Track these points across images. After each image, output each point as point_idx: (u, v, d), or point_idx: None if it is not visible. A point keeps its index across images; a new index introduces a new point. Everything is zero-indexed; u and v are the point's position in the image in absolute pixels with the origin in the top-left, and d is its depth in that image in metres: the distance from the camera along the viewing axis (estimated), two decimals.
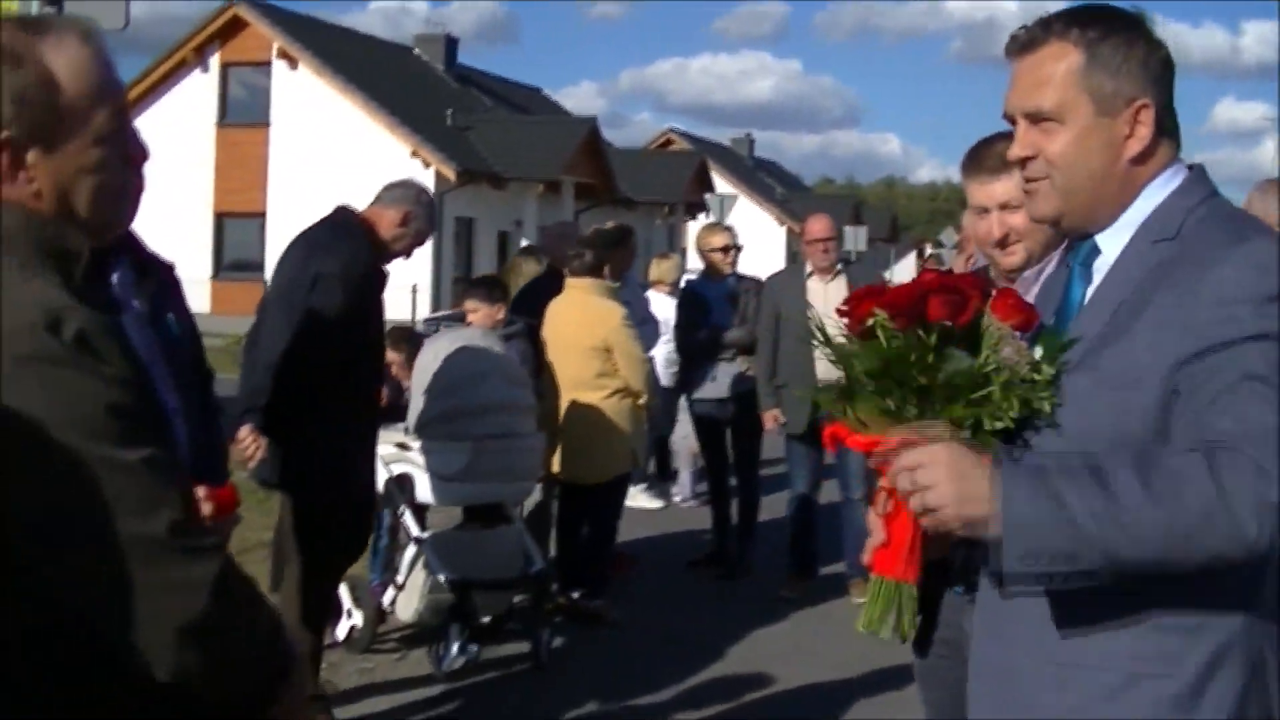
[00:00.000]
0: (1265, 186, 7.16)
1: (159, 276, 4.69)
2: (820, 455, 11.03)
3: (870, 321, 2.91)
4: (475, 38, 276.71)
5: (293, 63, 45.41)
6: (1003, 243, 4.36)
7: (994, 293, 3.00)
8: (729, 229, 12.82)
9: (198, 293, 42.16)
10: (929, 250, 60.35)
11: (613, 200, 50.54)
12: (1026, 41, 3.06)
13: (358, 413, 7.60)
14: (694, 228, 48.14)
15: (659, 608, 10.71)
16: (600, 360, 9.98)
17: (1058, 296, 3.14)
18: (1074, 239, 3.17)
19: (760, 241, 59.67)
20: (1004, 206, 4.31)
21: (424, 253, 41.50)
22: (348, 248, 7.36)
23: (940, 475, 2.68)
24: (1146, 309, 2.86)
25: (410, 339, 10.43)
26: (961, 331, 2.89)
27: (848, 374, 2.99)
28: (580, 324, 10.04)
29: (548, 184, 46.66)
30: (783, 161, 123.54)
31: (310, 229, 7.49)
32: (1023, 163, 3.07)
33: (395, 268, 7.78)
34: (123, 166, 2.86)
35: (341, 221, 7.48)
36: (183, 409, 4.34)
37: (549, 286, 10.63)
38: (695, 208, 55.17)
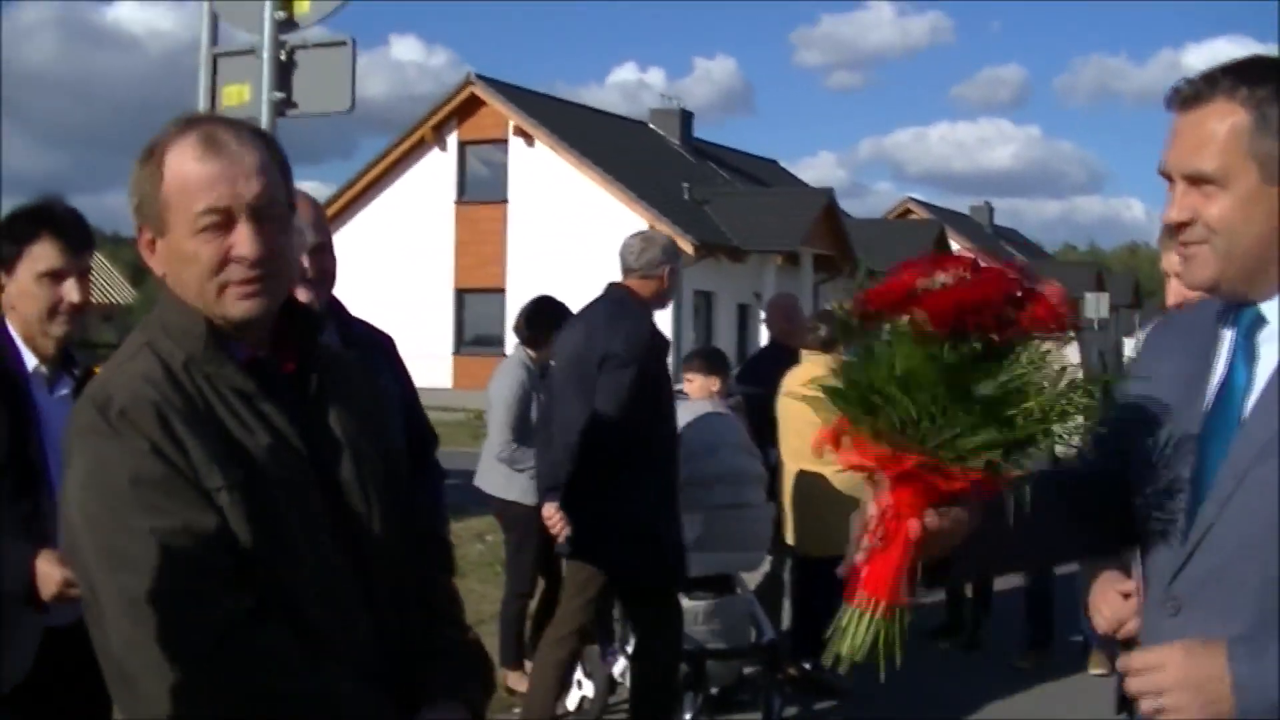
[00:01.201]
0: None
1: (366, 344, 4.99)
2: None
3: (907, 318, 2.64)
4: (711, 110, 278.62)
5: (529, 139, 46.02)
6: None
7: (1034, 292, 2.71)
8: None
9: (439, 367, 42.90)
10: None
11: (852, 271, 50.22)
12: (1191, 96, 2.87)
13: (658, 475, 7.79)
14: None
15: (892, 678, 10.37)
16: None
17: (1213, 364, 2.98)
18: (1231, 304, 2.97)
19: None
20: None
21: (663, 325, 41.97)
22: (629, 325, 7.65)
23: (1177, 683, 2.66)
24: None
25: None
26: (1002, 345, 2.64)
27: (871, 376, 2.67)
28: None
29: (786, 256, 46.61)
30: (1023, 229, 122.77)
31: (587, 310, 8.01)
32: (1179, 227, 2.89)
33: None
34: (221, 259, 3.01)
35: (618, 299, 7.72)
36: None
37: (775, 357, 10.73)
38: None
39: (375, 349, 5.09)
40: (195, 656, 2.81)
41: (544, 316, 9.87)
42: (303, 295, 4.28)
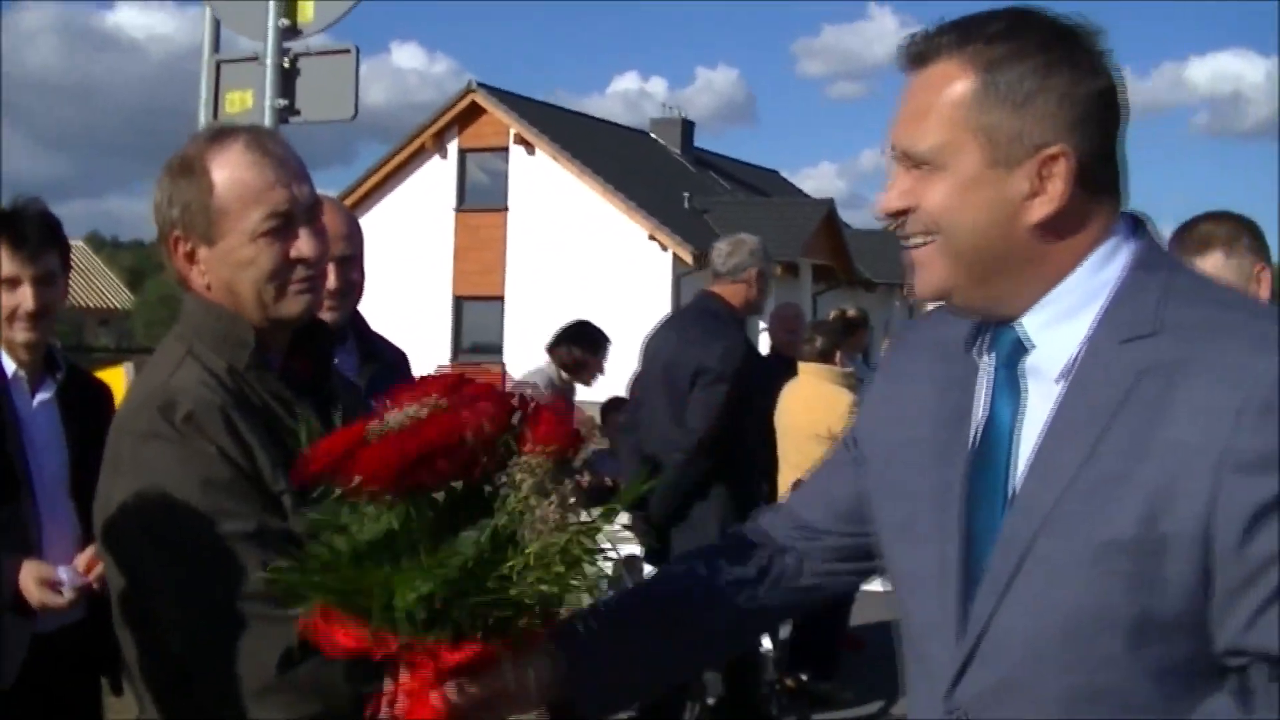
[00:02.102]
0: (1206, 239, 4.58)
1: (385, 360, 5.01)
2: None
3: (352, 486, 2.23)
4: (713, 120, 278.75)
5: (530, 148, 45.97)
6: None
7: (531, 410, 2.32)
8: None
9: None
10: None
11: (851, 281, 50.19)
12: (916, 55, 2.35)
13: (742, 491, 7.84)
14: (932, 308, 47.80)
15: (886, 691, 10.55)
16: (823, 447, 9.82)
17: (974, 400, 2.44)
18: (985, 323, 2.45)
19: None
20: None
21: None
22: (724, 339, 7.73)
23: None
24: (1147, 444, 2.14)
25: (621, 408, 10.60)
26: (477, 486, 2.26)
27: (333, 552, 2.29)
28: (807, 409, 10.06)
29: (785, 266, 46.56)
30: None
31: (677, 319, 7.91)
32: (898, 217, 2.38)
33: (632, 350, 7.86)
34: (283, 262, 3.06)
35: (711, 310, 7.72)
36: None
37: (775, 368, 10.78)
38: None
39: (393, 366, 5.08)
40: (275, 660, 2.78)
41: (587, 342, 9.90)
42: (327, 306, 4.32)
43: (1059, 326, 2.30)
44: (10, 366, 4.67)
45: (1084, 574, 2.16)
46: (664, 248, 42.88)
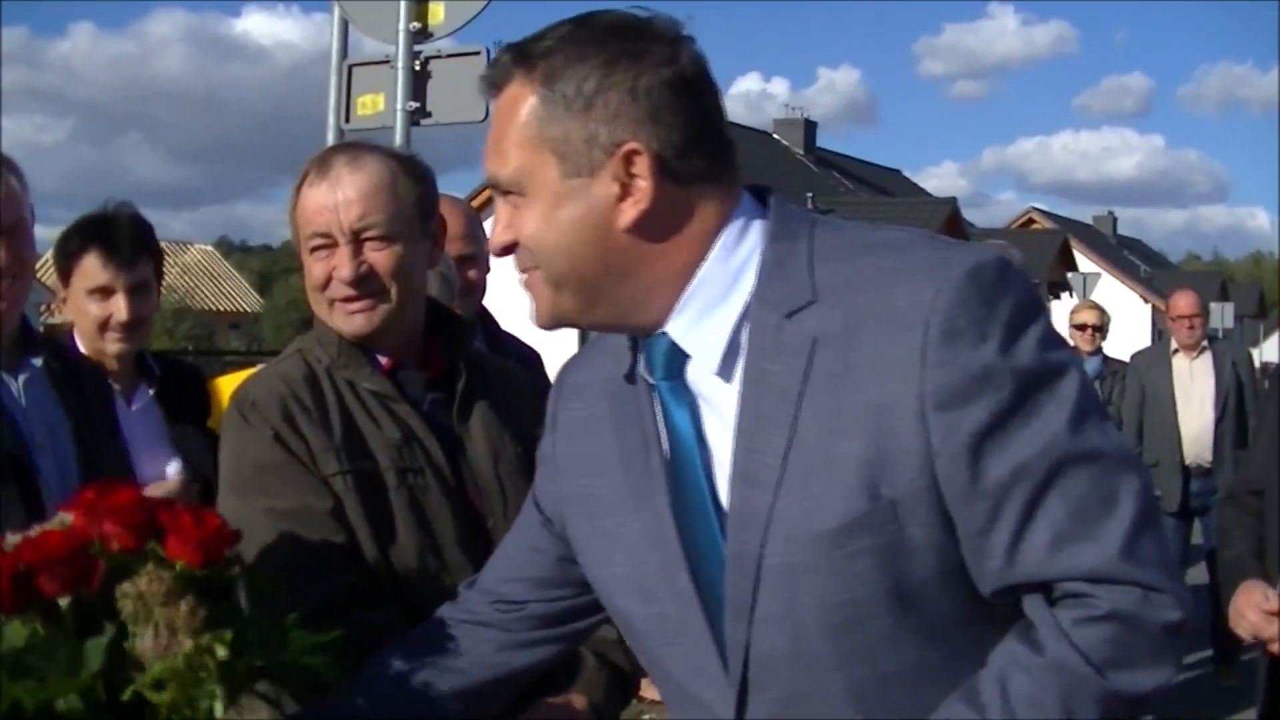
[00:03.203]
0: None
1: (518, 357, 4.91)
2: (1188, 532, 10.98)
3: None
4: (835, 120, 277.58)
5: None
6: None
7: (167, 518, 2.18)
8: (1097, 307, 12.37)
9: None
10: None
11: None
12: (489, 83, 2.26)
13: None
14: (1056, 307, 47.33)
15: None
16: None
17: (639, 433, 2.32)
18: (636, 343, 2.34)
19: (1125, 320, 58.25)
20: None
21: None
22: None
23: None
24: (843, 417, 2.05)
25: None
26: (101, 601, 2.09)
27: None
28: None
29: None
30: (1147, 239, 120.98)
31: None
32: (509, 252, 2.28)
33: None
34: (325, 279, 3.24)
35: None
36: None
37: None
38: (1058, 287, 54.15)
39: (527, 364, 5.01)
40: None
41: None
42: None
43: (707, 322, 2.20)
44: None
45: (825, 566, 2.07)
46: None
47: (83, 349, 4.63)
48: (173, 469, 4.60)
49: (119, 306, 4.60)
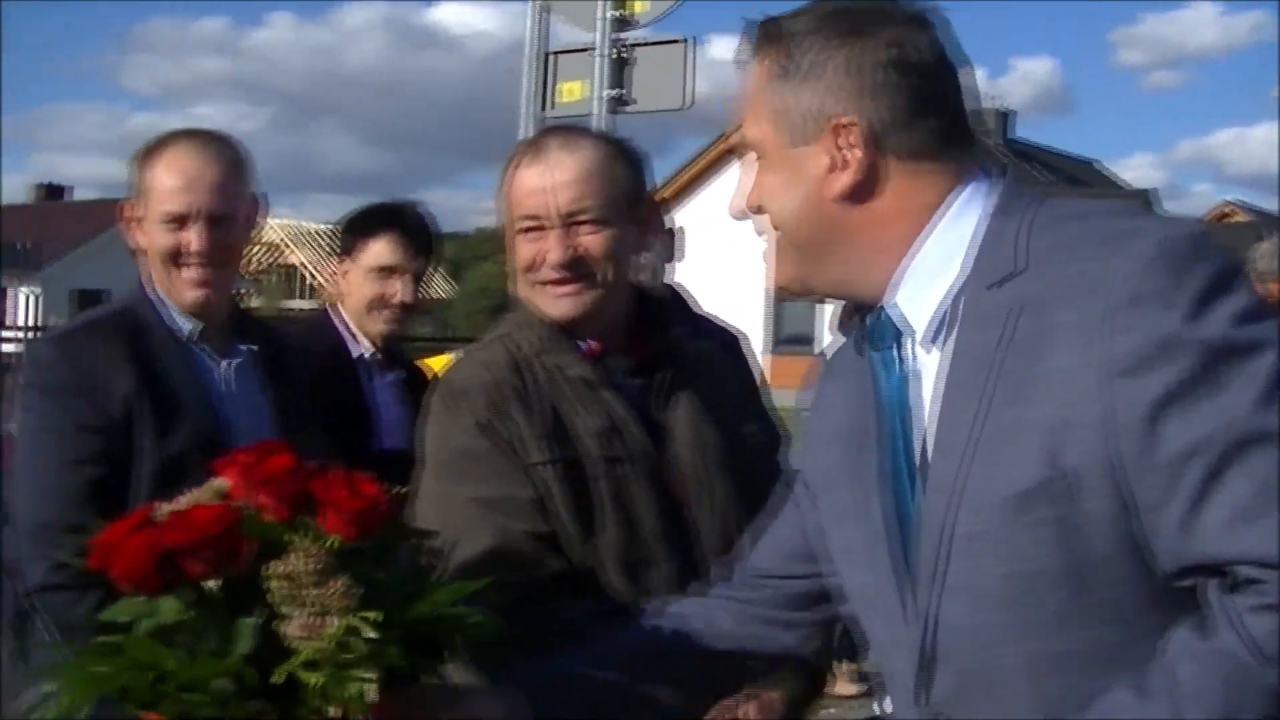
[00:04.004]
0: None
1: (719, 341, 4.88)
2: None
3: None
4: (1030, 110, 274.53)
5: None
6: None
7: (320, 488, 2.16)
8: None
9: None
10: None
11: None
12: (742, 51, 2.37)
13: None
14: None
15: None
16: None
17: (862, 406, 2.36)
18: (865, 316, 2.38)
19: None
20: None
21: None
22: None
23: None
24: (1032, 383, 2.05)
25: None
26: (251, 578, 2.07)
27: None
28: None
29: None
30: None
31: None
32: (755, 215, 2.38)
33: None
34: (531, 261, 3.24)
35: None
36: None
37: None
38: None
39: (726, 347, 5.10)
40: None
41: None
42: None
43: (924, 293, 2.23)
44: (360, 348, 4.94)
45: (1005, 535, 2.06)
46: None
47: (350, 325, 5.00)
48: None
49: (400, 289, 4.92)
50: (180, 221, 3.60)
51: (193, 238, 3.62)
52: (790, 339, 45.44)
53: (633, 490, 3.18)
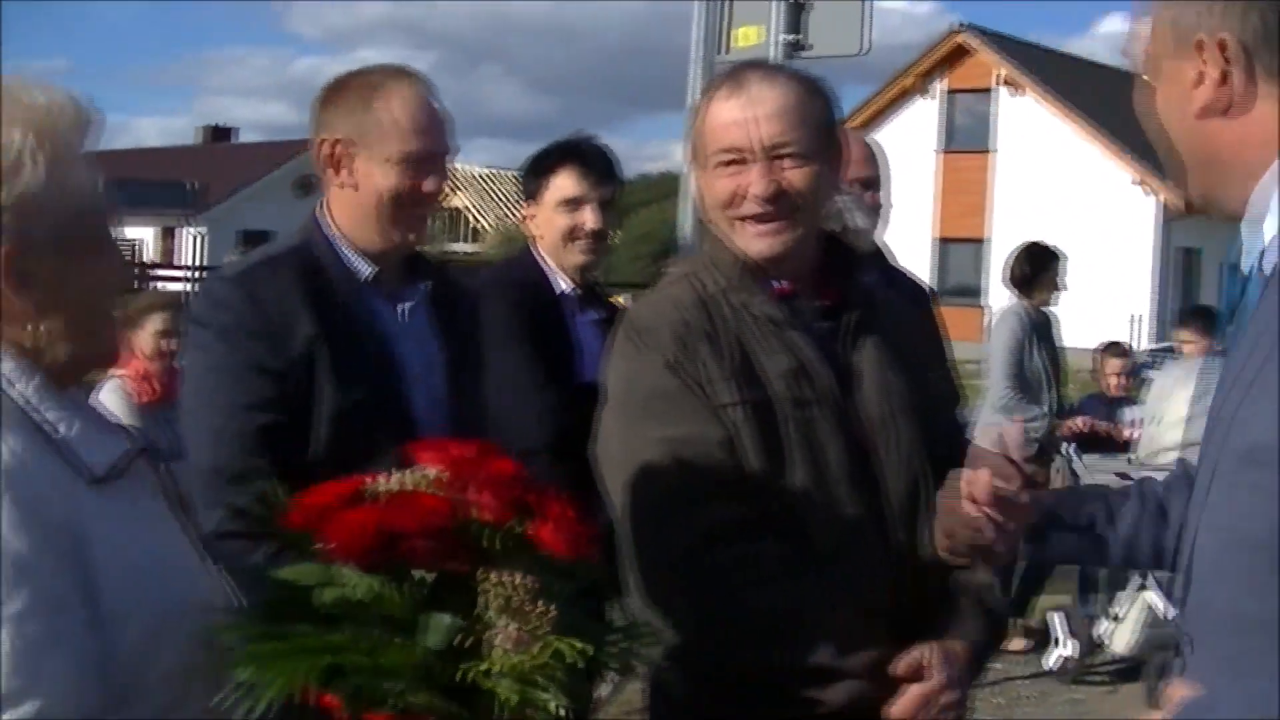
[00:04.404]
0: None
1: (908, 292, 5.23)
2: None
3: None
4: None
5: (1016, 89, 45.26)
6: None
7: (541, 506, 2.19)
8: None
9: None
10: None
11: None
12: None
13: None
14: None
15: None
16: None
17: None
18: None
19: None
20: None
21: (1143, 282, 39.97)
22: None
23: None
24: None
25: (1122, 353, 10.56)
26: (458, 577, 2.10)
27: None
28: None
29: None
30: None
31: None
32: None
33: (1115, 299, 7.63)
34: (730, 195, 3.22)
35: None
36: None
37: None
38: None
39: (914, 300, 5.23)
40: (675, 557, 3.11)
41: (1035, 262, 9.75)
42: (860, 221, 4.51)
43: (1265, 221, 2.21)
44: (562, 286, 5.01)
45: (1228, 488, 2.07)
46: (1151, 193, 41.63)
47: (549, 263, 5.08)
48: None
49: (587, 217, 5.02)
50: (417, 163, 3.56)
51: (429, 181, 3.61)
52: (955, 289, 44.96)
53: (820, 433, 3.16)
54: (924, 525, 3.19)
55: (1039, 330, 9.63)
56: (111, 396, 6.73)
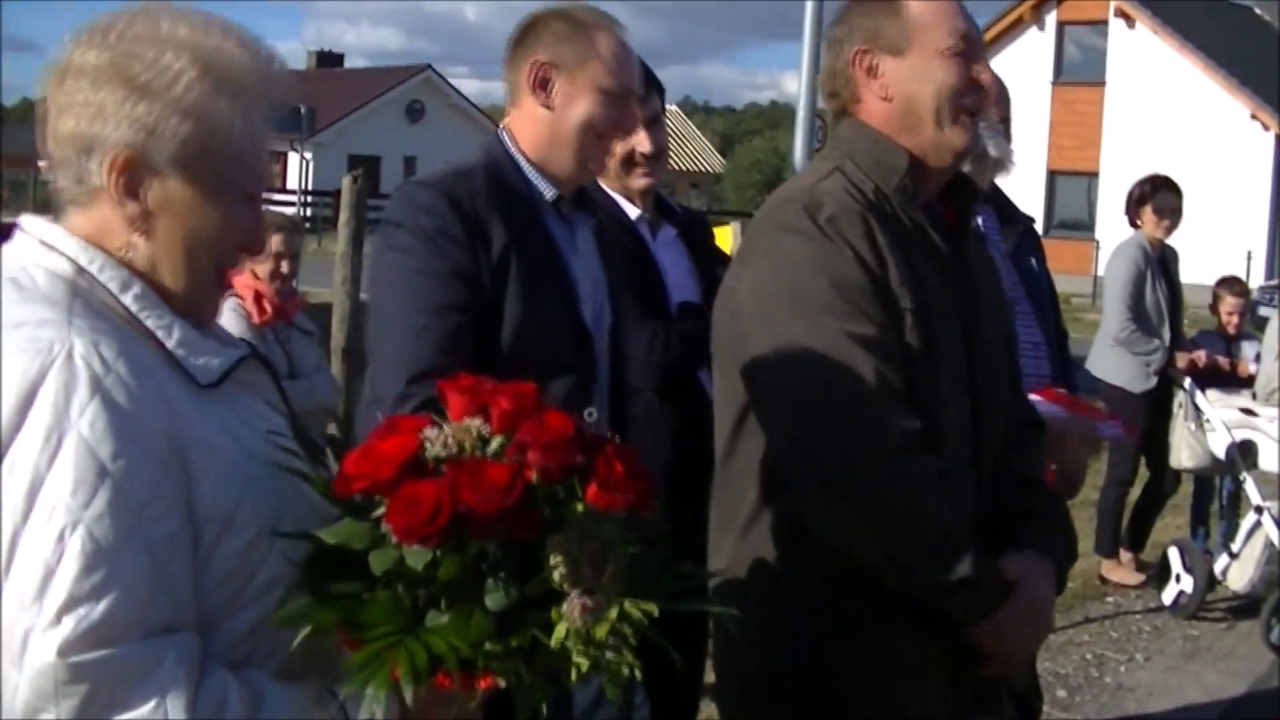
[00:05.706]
0: None
1: (1021, 226, 5.38)
2: None
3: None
4: None
5: (1130, 22, 44.62)
6: None
7: (598, 457, 2.11)
8: None
9: None
10: None
11: None
12: None
13: None
14: None
15: None
16: None
17: None
18: None
19: None
20: None
21: (1260, 219, 39.28)
22: None
23: None
24: None
25: (1241, 290, 10.34)
26: (528, 545, 2.03)
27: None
28: None
29: None
30: None
31: None
32: None
33: (1229, 234, 7.65)
34: (962, 85, 3.20)
35: None
36: (1045, 341, 5.06)
37: None
38: None
39: (1026, 233, 5.42)
40: (868, 464, 2.95)
41: (1157, 194, 9.58)
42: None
43: None
44: (632, 212, 4.87)
45: None
46: (1266, 128, 41.06)
47: (609, 190, 4.84)
48: None
49: (640, 139, 4.73)
50: (617, 98, 3.63)
51: (632, 115, 3.74)
52: (1065, 223, 44.64)
53: (952, 348, 3.16)
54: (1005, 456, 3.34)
55: (1160, 263, 9.63)
56: (229, 315, 6.70)
